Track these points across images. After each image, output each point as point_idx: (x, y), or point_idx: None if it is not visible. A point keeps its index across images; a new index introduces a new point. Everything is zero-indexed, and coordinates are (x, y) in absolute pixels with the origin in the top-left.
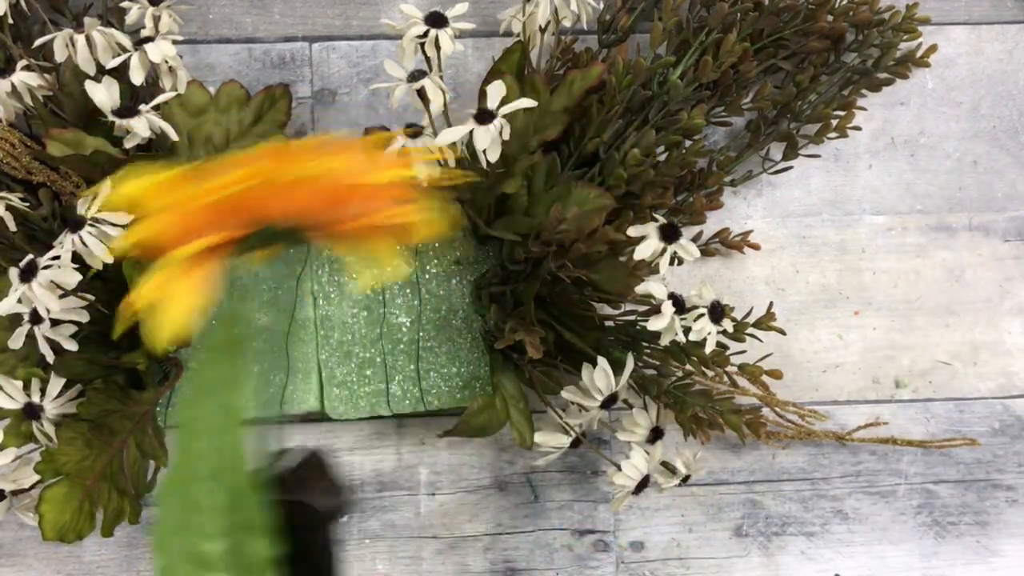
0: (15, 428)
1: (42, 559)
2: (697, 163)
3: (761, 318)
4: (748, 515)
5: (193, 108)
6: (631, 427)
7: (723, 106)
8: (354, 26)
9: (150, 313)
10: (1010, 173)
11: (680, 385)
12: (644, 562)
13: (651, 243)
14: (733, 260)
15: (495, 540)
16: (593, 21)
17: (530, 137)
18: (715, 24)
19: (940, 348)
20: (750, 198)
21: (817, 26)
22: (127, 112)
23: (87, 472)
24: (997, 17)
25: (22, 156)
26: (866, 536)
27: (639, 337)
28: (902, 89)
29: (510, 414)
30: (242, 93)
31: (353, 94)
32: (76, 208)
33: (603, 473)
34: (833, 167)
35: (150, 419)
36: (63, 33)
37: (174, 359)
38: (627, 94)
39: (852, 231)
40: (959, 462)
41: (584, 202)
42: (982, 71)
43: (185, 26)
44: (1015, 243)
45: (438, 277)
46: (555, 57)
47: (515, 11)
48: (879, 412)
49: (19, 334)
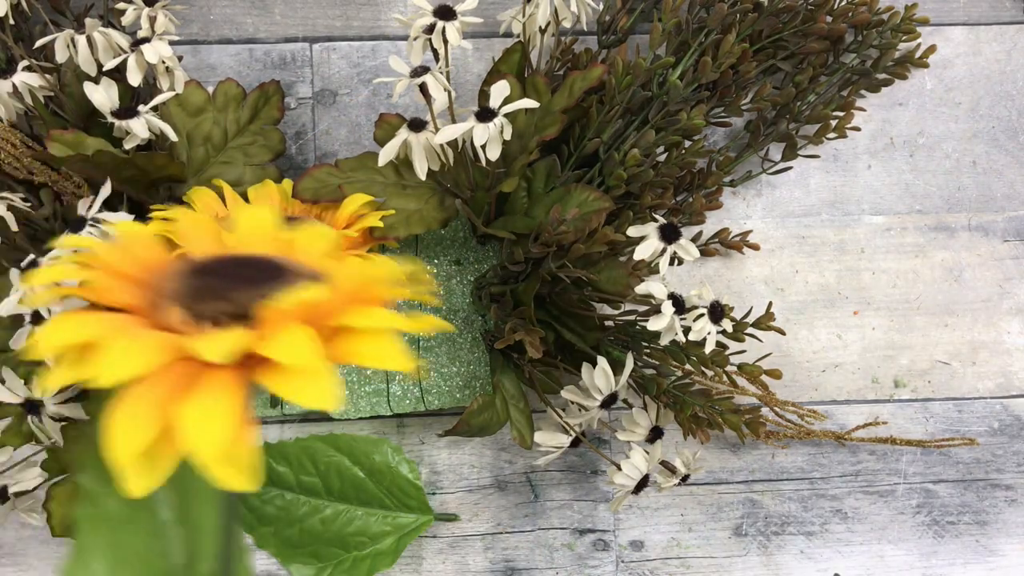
0: (16, 428)
1: (43, 559)
2: (697, 163)
3: (760, 318)
4: (747, 515)
5: (191, 108)
6: (631, 427)
7: (722, 106)
8: (355, 27)
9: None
10: (1009, 173)
11: (680, 385)
12: (644, 561)
13: (651, 243)
14: (732, 260)
15: (495, 539)
16: (593, 22)
17: (530, 137)
18: (714, 25)
19: (939, 348)
20: (749, 198)
21: (816, 27)
22: (126, 113)
23: None
24: (996, 18)
25: (23, 156)
26: (865, 536)
27: (639, 337)
28: (901, 90)
29: (510, 414)
30: (239, 91)
31: (354, 94)
32: (77, 208)
33: (603, 473)
34: (832, 167)
35: None
36: (64, 34)
37: None
38: (627, 94)
39: (851, 231)
40: (958, 462)
41: (584, 204)
42: (981, 72)
43: (186, 27)
44: (1014, 243)
45: (438, 277)
46: (555, 58)
47: (515, 12)
48: (878, 412)
49: (20, 334)
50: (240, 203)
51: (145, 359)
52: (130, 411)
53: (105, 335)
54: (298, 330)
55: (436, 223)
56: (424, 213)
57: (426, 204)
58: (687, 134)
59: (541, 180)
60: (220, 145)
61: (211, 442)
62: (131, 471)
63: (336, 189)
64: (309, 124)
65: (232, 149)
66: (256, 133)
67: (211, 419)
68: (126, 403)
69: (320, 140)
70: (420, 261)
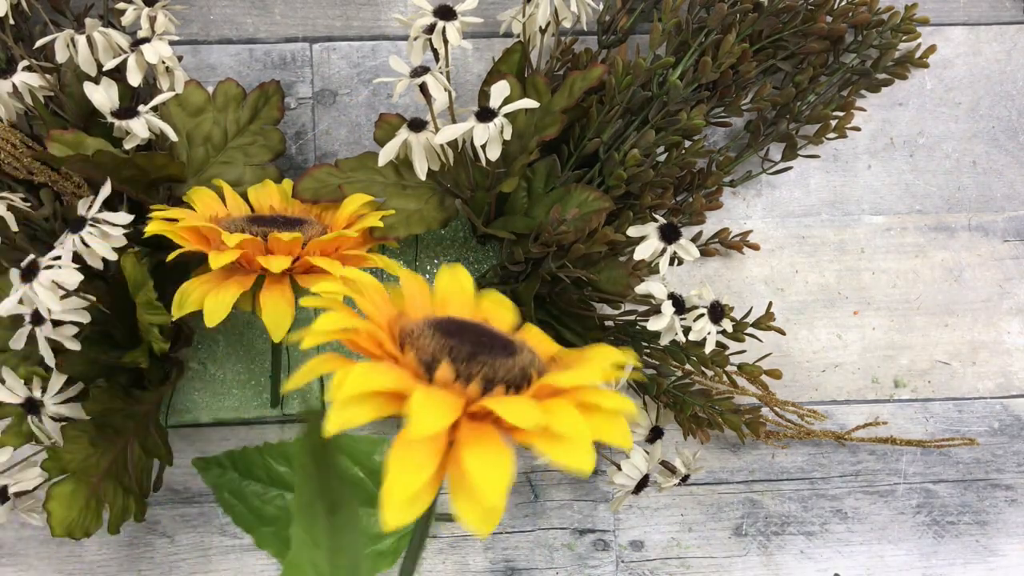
0: (16, 427)
1: (43, 558)
2: (697, 163)
3: (760, 318)
4: (747, 515)
5: (191, 108)
6: (631, 427)
7: (722, 106)
8: (355, 27)
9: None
10: (1009, 173)
11: (680, 385)
12: (644, 561)
13: (651, 243)
14: (732, 260)
15: (495, 539)
16: (593, 22)
17: (530, 137)
18: (714, 25)
19: (939, 348)
20: (749, 198)
21: (816, 27)
22: (126, 113)
23: (92, 470)
24: (996, 18)
25: (23, 156)
26: (865, 536)
27: (639, 337)
28: (901, 90)
29: None
30: (238, 91)
31: (354, 94)
32: (77, 208)
33: (603, 473)
34: (832, 167)
35: (153, 418)
36: (64, 34)
37: (175, 358)
38: (627, 94)
39: (851, 231)
40: (958, 462)
41: (584, 204)
42: (981, 71)
43: (186, 27)
44: (1014, 243)
45: None
46: (555, 58)
47: (515, 12)
48: (878, 412)
49: (20, 335)
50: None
51: (446, 416)
52: (415, 457)
53: (406, 388)
54: (572, 408)
55: (436, 223)
56: (424, 213)
57: (426, 204)
58: (687, 134)
59: (541, 180)
60: (220, 145)
61: (494, 490)
62: (397, 508)
63: (336, 189)
64: (309, 124)
65: (232, 149)
66: (256, 133)
67: (495, 469)
68: (411, 450)
69: (320, 140)
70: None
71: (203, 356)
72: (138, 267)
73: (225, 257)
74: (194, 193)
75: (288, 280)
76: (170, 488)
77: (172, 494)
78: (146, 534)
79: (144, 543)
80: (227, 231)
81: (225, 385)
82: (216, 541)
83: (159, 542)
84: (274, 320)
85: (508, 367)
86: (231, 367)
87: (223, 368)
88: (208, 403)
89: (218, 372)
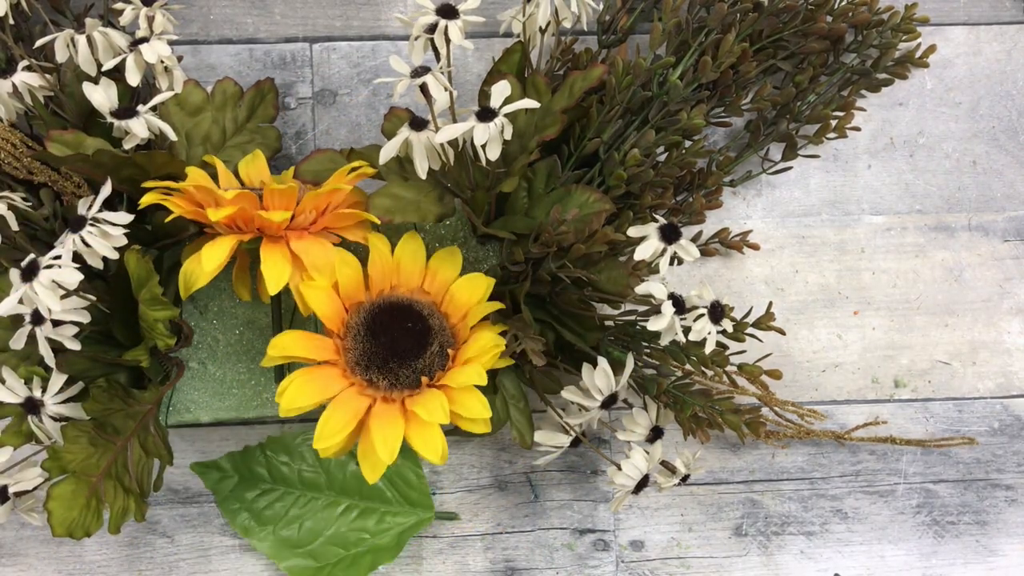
0: (16, 427)
1: (43, 558)
2: (697, 163)
3: (760, 318)
4: (747, 515)
5: (190, 107)
6: (631, 427)
7: (723, 106)
8: (355, 27)
9: None
10: (1009, 173)
11: (680, 385)
12: (644, 561)
13: (651, 243)
14: (732, 260)
15: (495, 539)
16: (593, 22)
17: (530, 137)
18: (714, 25)
19: (939, 348)
20: (749, 198)
21: (816, 27)
22: (125, 113)
23: (92, 470)
24: (996, 18)
25: (23, 156)
26: (865, 536)
27: (639, 337)
28: (901, 89)
29: (510, 414)
30: (236, 90)
31: (354, 94)
32: (77, 208)
33: (603, 473)
34: (832, 167)
35: (152, 418)
36: (64, 34)
37: (175, 359)
38: (627, 94)
39: (851, 231)
40: (958, 462)
41: (584, 205)
42: (981, 71)
43: (186, 27)
44: (1014, 243)
45: None
46: (555, 58)
47: (515, 12)
48: (878, 412)
49: (20, 334)
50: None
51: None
52: (335, 420)
53: (330, 396)
54: (440, 397)
55: (432, 216)
56: (421, 205)
57: (425, 197)
58: (687, 134)
59: (541, 180)
60: (219, 144)
61: (386, 449)
62: (323, 444)
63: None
64: (309, 124)
65: (230, 148)
66: (254, 131)
67: (389, 435)
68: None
69: (320, 140)
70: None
71: (203, 356)
72: (142, 263)
73: (224, 211)
74: (189, 174)
75: (285, 241)
76: (170, 488)
77: (172, 494)
78: (146, 534)
79: (144, 543)
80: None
81: (225, 385)
82: (216, 541)
83: (159, 542)
84: (272, 273)
85: (410, 371)
86: (231, 367)
87: (223, 368)
88: (208, 403)
89: (218, 372)
